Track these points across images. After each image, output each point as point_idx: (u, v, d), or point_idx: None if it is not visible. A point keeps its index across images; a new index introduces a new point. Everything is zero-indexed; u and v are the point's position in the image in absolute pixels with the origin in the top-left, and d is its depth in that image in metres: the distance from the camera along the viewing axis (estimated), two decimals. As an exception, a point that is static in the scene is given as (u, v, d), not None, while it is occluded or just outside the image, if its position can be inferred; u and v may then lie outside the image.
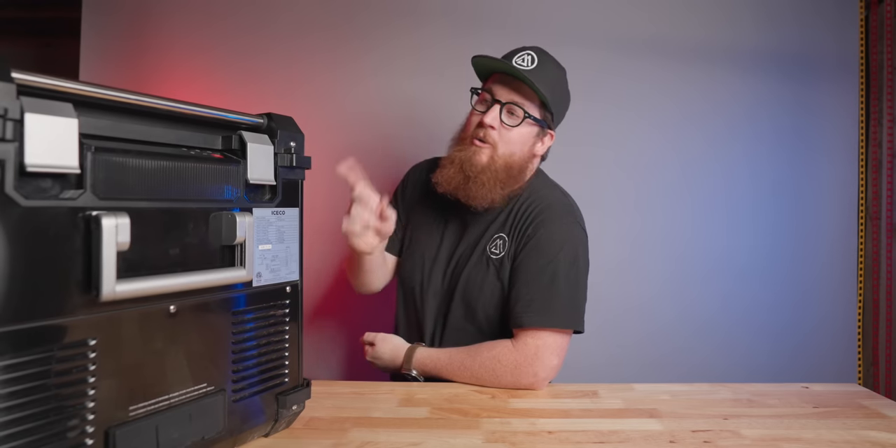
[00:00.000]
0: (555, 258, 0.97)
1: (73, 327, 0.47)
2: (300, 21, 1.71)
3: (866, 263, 1.75)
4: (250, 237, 0.63)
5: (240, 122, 0.66)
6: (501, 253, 1.03)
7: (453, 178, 1.01)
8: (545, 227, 0.99)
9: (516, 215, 1.04)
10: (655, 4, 1.69)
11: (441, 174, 1.03)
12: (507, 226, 1.04)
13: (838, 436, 0.71)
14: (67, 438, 0.47)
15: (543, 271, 0.96)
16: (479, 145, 1.00)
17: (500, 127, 0.99)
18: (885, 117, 1.73)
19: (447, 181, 1.02)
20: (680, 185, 1.69)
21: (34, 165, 0.44)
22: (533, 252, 0.98)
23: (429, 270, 1.10)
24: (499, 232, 1.05)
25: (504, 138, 1.00)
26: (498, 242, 1.04)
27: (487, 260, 1.04)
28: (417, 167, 1.21)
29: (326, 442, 0.69)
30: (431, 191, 1.09)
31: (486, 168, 0.99)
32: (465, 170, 1.00)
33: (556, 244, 0.98)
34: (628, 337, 1.68)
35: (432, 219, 1.13)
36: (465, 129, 1.05)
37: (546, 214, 1.01)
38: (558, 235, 0.99)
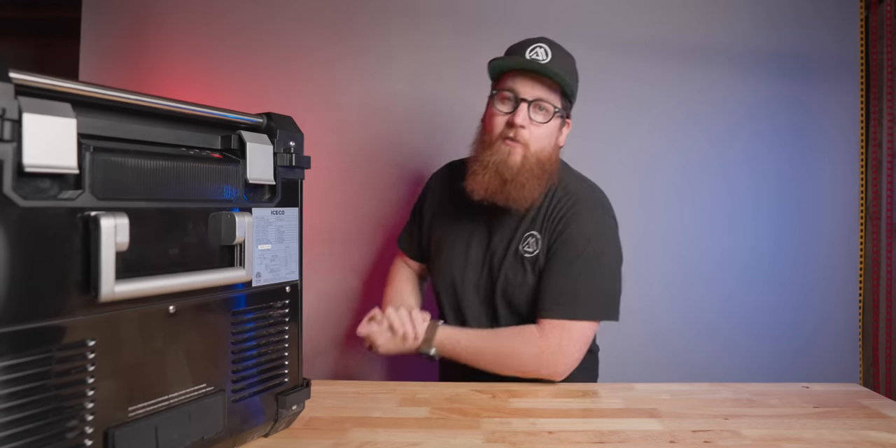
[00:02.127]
0: (584, 252, 0.98)
1: (72, 328, 0.47)
2: (299, 20, 1.70)
3: (866, 263, 1.75)
4: (250, 237, 0.63)
5: (239, 122, 0.66)
6: (535, 251, 1.02)
7: (490, 183, 0.98)
8: (576, 221, 1.00)
9: (547, 212, 1.04)
10: (656, 5, 1.69)
11: (476, 181, 0.99)
12: (537, 224, 1.04)
13: (839, 436, 0.71)
14: (67, 439, 0.46)
15: (572, 264, 0.98)
16: (511, 145, 0.97)
17: (530, 125, 0.97)
18: (885, 117, 1.73)
19: (484, 188, 0.99)
20: (681, 185, 1.69)
21: (32, 166, 0.44)
22: (563, 246, 0.99)
23: (463, 275, 1.09)
24: (530, 230, 1.04)
25: (535, 136, 0.98)
26: (530, 241, 1.03)
27: (522, 259, 1.03)
28: (438, 174, 1.21)
29: (326, 442, 0.69)
30: (456, 195, 1.08)
31: (522, 168, 0.97)
32: (502, 173, 0.97)
33: (584, 238, 1.00)
34: (630, 338, 1.68)
35: (460, 223, 1.11)
36: (489, 130, 1.01)
37: (576, 209, 1.02)
38: (588, 229, 1.00)
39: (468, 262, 1.08)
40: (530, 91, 0.97)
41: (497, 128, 0.99)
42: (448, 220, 1.13)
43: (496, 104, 1.00)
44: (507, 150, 0.98)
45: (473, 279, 1.08)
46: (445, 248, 1.11)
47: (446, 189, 1.15)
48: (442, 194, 1.16)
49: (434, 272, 1.15)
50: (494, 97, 1.01)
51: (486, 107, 1.05)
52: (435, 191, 1.18)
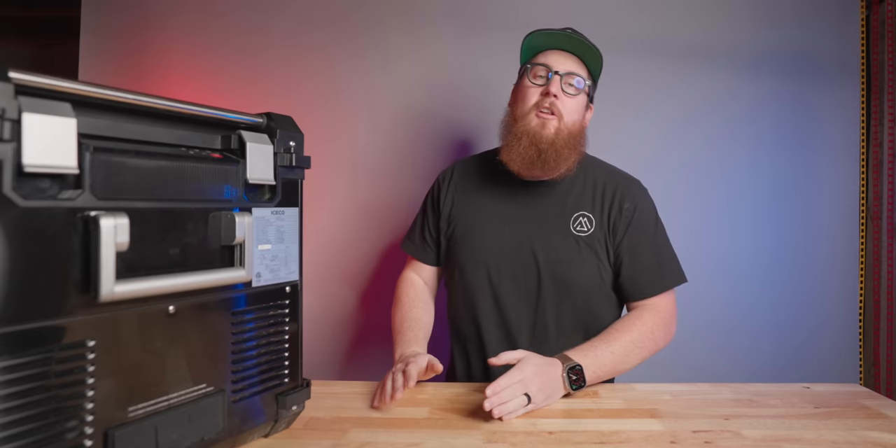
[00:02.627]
0: (655, 228, 1.06)
1: (72, 328, 0.47)
2: (299, 20, 1.70)
3: (867, 263, 1.75)
4: (249, 237, 0.63)
5: (239, 122, 0.66)
6: (590, 230, 1.03)
7: (526, 152, 0.99)
8: (640, 201, 1.06)
9: (595, 191, 1.06)
10: (656, 6, 1.69)
11: (511, 152, 1.00)
12: (588, 204, 1.05)
13: (839, 436, 0.71)
14: (66, 439, 0.46)
15: (652, 242, 1.04)
16: (544, 117, 0.99)
17: (563, 96, 1.00)
18: (885, 117, 1.73)
19: (521, 157, 0.99)
20: (681, 185, 1.69)
21: (32, 166, 0.44)
22: (637, 229, 1.04)
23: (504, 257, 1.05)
24: (579, 210, 1.05)
25: (567, 107, 1.00)
26: (582, 220, 1.04)
27: (576, 239, 1.03)
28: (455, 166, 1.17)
29: (326, 442, 0.69)
30: (482, 182, 1.10)
31: (557, 137, 0.99)
32: (537, 142, 0.98)
33: (650, 215, 1.06)
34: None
35: (490, 209, 1.08)
36: (522, 102, 1.02)
37: (634, 189, 1.07)
38: (647, 206, 1.07)
39: (503, 247, 1.05)
40: (563, 65, 1.01)
41: (531, 99, 1.01)
42: (475, 207, 1.10)
43: (529, 78, 1.02)
44: (540, 122, 0.99)
45: (511, 263, 1.04)
46: (475, 236, 1.07)
47: (468, 178, 1.13)
48: (463, 184, 1.13)
49: (459, 265, 1.08)
50: (528, 71, 1.03)
51: (518, 82, 1.06)
52: (452, 183, 1.14)
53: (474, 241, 1.07)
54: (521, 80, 1.05)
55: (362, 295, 1.69)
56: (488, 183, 1.10)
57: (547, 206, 1.06)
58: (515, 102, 1.05)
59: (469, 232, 1.08)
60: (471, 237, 1.08)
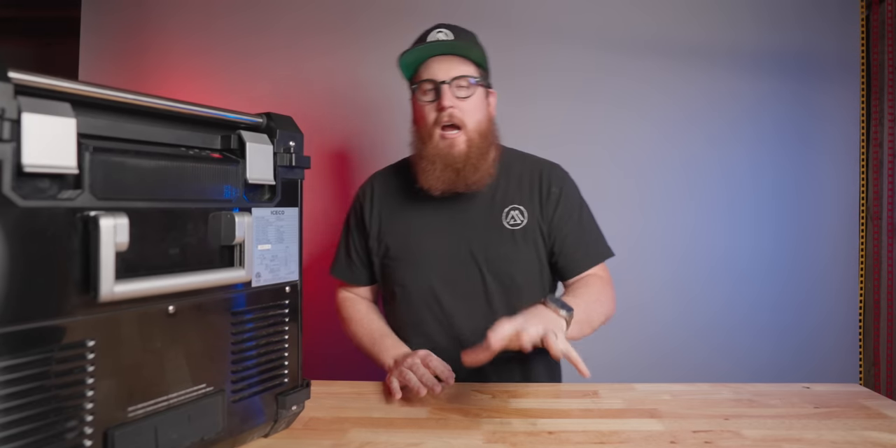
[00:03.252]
0: (581, 207, 1.09)
1: (72, 328, 0.47)
2: (299, 20, 1.70)
3: (867, 263, 1.75)
4: (249, 237, 0.63)
5: (239, 122, 0.66)
6: (523, 221, 1.04)
7: (443, 176, 0.99)
8: (563, 183, 1.08)
9: (521, 182, 1.07)
10: (657, 5, 1.69)
11: (429, 178, 1.00)
12: (516, 197, 1.05)
13: (839, 436, 0.71)
14: (66, 439, 0.46)
15: (580, 220, 1.08)
16: (450, 135, 0.98)
17: (458, 102, 0.98)
18: (885, 117, 1.73)
19: (441, 182, 0.99)
20: (682, 185, 1.69)
21: (32, 166, 0.44)
22: (566, 208, 1.06)
23: (445, 267, 1.04)
24: (510, 204, 1.05)
25: (466, 111, 0.99)
26: (514, 214, 1.05)
27: (511, 233, 1.04)
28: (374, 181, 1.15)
29: (326, 442, 0.69)
30: (407, 195, 1.08)
31: (469, 153, 0.99)
32: (451, 164, 0.98)
33: (575, 196, 1.09)
34: (630, 337, 1.68)
35: (422, 220, 1.07)
36: (423, 123, 1.01)
37: (555, 173, 1.09)
38: (571, 187, 1.09)
39: (443, 257, 1.04)
40: (445, 72, 0.99)
41: (429, 116, 1.00)
42: (404, 222, 1.08)
43: (420, 98, 1.01)
44: (448, 143, 0.98)
45: (454, 272, 1.04)
46: (412, 252, 1.06)
47: (391, 192, 1.11)
48: (387, 199, 1.10)
49: (400, 284, 1.06)
50: (416, 92, 1.02)
51: (413, 105, 1.06)
52: (376, 199, 1.11)
53: (412, 258, 1.06)
54: (414, 99, 1.03)
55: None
56: (411, 195, 1.07)
57: (477, 207, 1.06)
58: (416, 122, 1.04)
59: (405, 248, 1.06)
60: (408, 254, 1.06)
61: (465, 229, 1.05)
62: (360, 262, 1.12)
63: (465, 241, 1.04)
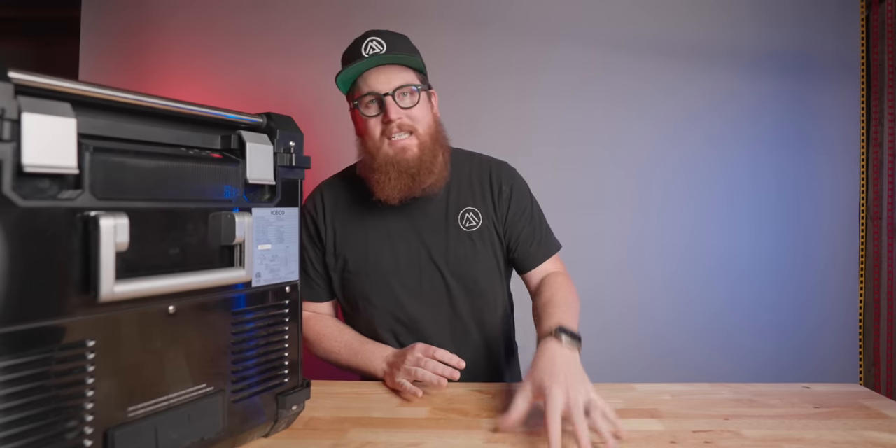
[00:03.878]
0: (530, 202, 1.10)
1: (72, 328, 0.47)
2: (299, 20, 1.70)
3: (867, 263, 1.75)
4: (249, 237, 0.63)
5: (239, 122, 0.66)
6: (479, 222, 1.05)
7: (399, 183, 0.96)
8: (513, 181, 1.09)
9: (472, 183, 1.07)
10: (657, 4, 1.69)
11: (385, 189, 0.97)
12: (469, 199, 1.06)
13: (840, 436, 0.71)
14: (66, 439, 0.46)
15: (532, 216, 1.09)
16: (398, 141, 0.96)
17: (403, 112, 0.96)
18: (885, 117, 1.73)
19: (397, 190, 0.97)
20: (681, 185, 1.69)
21: (32, 166, 0.44)
22: (518, 206, 1.08)
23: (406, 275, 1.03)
24: (464, 207, 1.05)
25: (415, 118, 0.97)
26: (469, 216, 1.05)
27: (468, 235, 1.04)
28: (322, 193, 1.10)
29: (326, 442, 0.69)
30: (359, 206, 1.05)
31: (422, 153, 0.97)
32: (405, 169, 0.96)
33: (525, 192, 1.11)
34: (629, 337, 1.68)
35: (378, 231, 1.05)
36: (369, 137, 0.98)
37: (504, 171, 1.10)
38: (521, 184, 1.11)
39: (403, 266, 1.03)
40: (386, 84, 0.96)
41: (375, 131, 0.97)
42: (359, 233, 1.05)
43: (363, 112, 0.98)
44: (398, 148, 0.96)
45: (416, 280, 1.03)
46: (370, 264, 1.04)
47: (342, 204, 1.07)
48: (339, 211, 1.07)
49: (363, 297, 1.05)
50: (358, 107, 0.98)
51: (354, 120, 1.02)
52: (327, 212, 1.07)
53: (372, 270, 1.03)
54: (356, 116, 1.00)
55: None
56: (363, 205, 1.05)
57: (431, 212, 1.05)
58: (362, 136, 1.01)
59: (363, 261, 1.04)
60: (366, 266, 1.04)
61: (423, 235, 1.04)
62: (319, 278, 1.08)
63: (423, 246, 1.04)
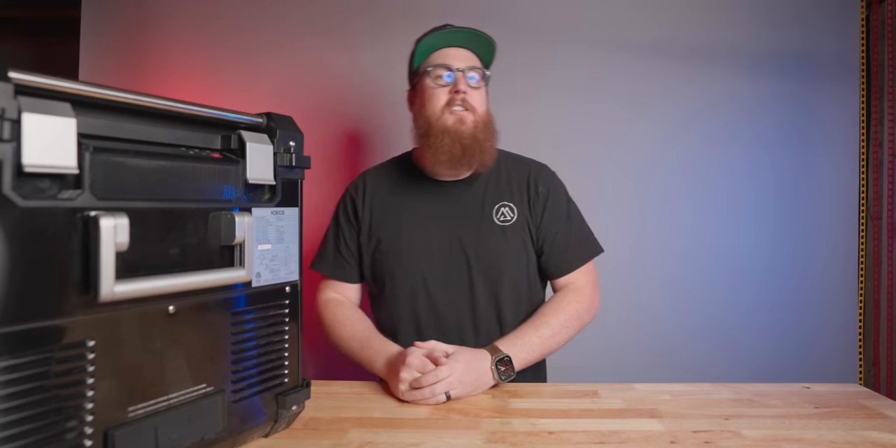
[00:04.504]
0: (567, 206, 1.11)
1: (72, 328, 0.47)
2: (299, 19, 1.70)
3: (867, 263, 1.75)
4: (249, 237, 0.63)
5: (239, 122, 0.66)
6: (513, 218, 1.06)
7: (451, 150, 0.99)
8: (551, 184, 1.10)
9: (510, 180, 1.09)
10: (657, 5, 1.69)
11: (437, 152, 1.00)
12: (506, 195, 1.08)
13: (840, 436, 0.71)
14: (66, 439, 0.46)
15: (567, 221, 1.09)
16: (459, 114, 1.01)
17: (471, 90, 1.01)
18: (885, 117, 1.73)
19: (447, 156, 1.00)
20: (680, 185, 1.69)
21: (32, 166, 0.44)
22: (554, 208, 1.08)
23: (435, 258, 1.05)
24: (500, 201, 1.07)
25: (476, 100, 1.02)
26: (504, 211, 1.07)
27: (501, 229, 1.06)
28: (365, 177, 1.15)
29: (326, 442, 0.69)
30: (400, 191, 1.10)
31: (476, 130, 1.01)
32: (460, 138, 0.99)
33: (562, 195, 1.11)
34: (629, 337, 1.68)
35: (414, 216, 1.08)
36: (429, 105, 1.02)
37: (543, 173, 1.11)
38: (559, 187, 1.12)
39: (434, 250, 1.05)
40: (462, 61, 1.03)
41: (439, 100, 1.02)
42: (396, 216, 1.08)
43: (432, 80, 1.03)
44: (457, 118, 1.00)
45: (444, 266, 1.05)
46: (403, 244, 1.06)
47: (382, 188, 1.11)
48: (379, 195, 1.11)
49: (391, 275, 1.06)
50: (429, 74, 1.03)
51: (419, 89, 1.06)
52: (367, 195, 1.11)
53: (403, 250, 1.06)
54: (424, 83, 1.05)
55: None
56: (404, 189, 1.10)
57: (467, 202, 1.08)
58: (423, 105, 1.04)
59: (396, 241, 1.07)
60: (398, 246, 1.06)
61: (456, 223, 1.06)
62: (351, 258, 1.11)
63: (455, 234, 1.06)
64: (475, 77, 1.03)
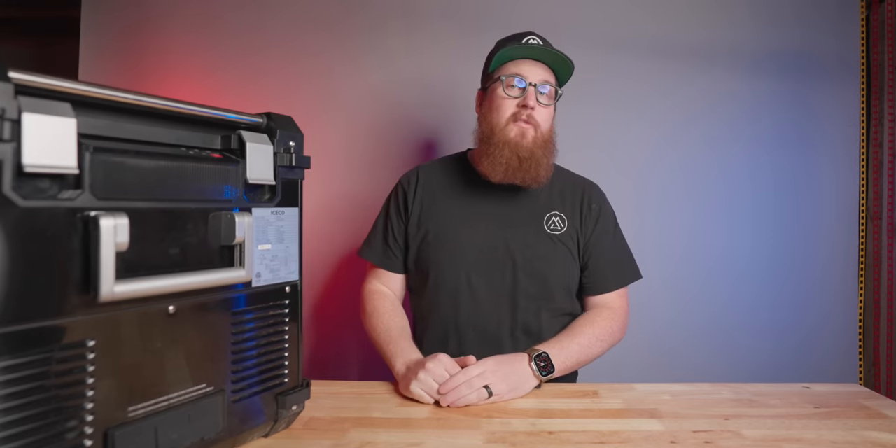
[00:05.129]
0: (615, 228, 1.13)
1: (72, 328, 0.47)
2: (299, 20, 1.70)
3: (867, 263, 1.75)
4: (249, 237, 0.63)
5: (239, 122, 0.66)
6: (563, 229, 1.08)
7: (509, 162, 1.00)
8: (602, 202, 1.13)
9: (564, 194, 1.11)
10: (656, 5, 1.69)
11: (494, 162, 1.01)
12: (557, 205, 1.09)
13: (839, 436, 0.71)
14: (66, 439, 0.46)
15: (613, 241, 1.12)
16: (523, 126, 1.01)
17: (539, 107, 1.02)
18: (885, 117, 1.73)
19: (504, 168, 1.01)
20: (680, 186, 1.69)
21: (32, 166, 0.44)
22: (603, 226, 1.11)
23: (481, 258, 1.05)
24: (552, 211, 1.09)
25: (543, 117, 1.03)
26: (555, 220, 1.08)
27: (550, 237, 1.07)
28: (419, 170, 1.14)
29: (326, 442, 0.69)
30: (455, 187, 1.10)
31: (535, 146, 1.01)
32: (518, 152, 1.00)
33: (611, 216, 1.14)
34: (629, 337, 1.67)
35: (463, 213, 1.08)
36: (496, 113, 1.03)
37: (595, 191, 1.14)
38: (608, 207, 1.14)
39: (480, 247, 1.05)
40: (537, 76, 1.02)
41: (507, 110, 1.02)
42: (446, 210, 1.09)
43: (504, 90, 1.02)
44: (519, 132, 1.01)
45: (488, 264, 1.05)
46: (450, 237, 1.06)
47: (435, 183, 1.12)
48: (431, 189, 1.11)
49: (436, 266, 1.06)
50: (501, 83, 1.02)
51: (490, 94, 1.06)
52: (420, 187, 1.12)
53: (450, 242, 1.06)
54: (495, 90, 1.04)
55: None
56: (457, 187, 1.11)
57: (519, 208, 1.08)
58: (490, 112, 1.05)
59: (444, 234, 1.07)
60: (446, 238, 1.07)
61: (506, 227, 1.07)
62: (398, 249, 1.12)
63: (503, 237, 1.06)
64: (546, 93, 1.03)
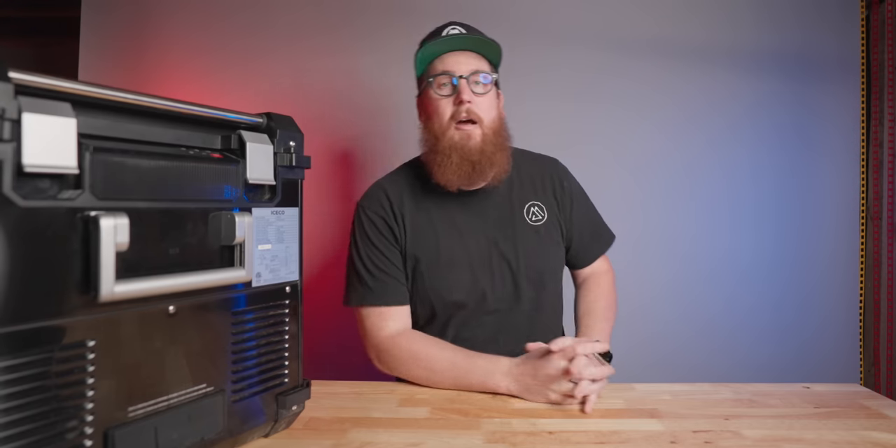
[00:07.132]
0: (585, 198, 1.14)
1: (72, 328, 0.47)
2: (300, 20, 1.70)
3: (867, 263, 1.75)
4: (249, 237, 0.63)
5: (239, 122, 0.66)
6: (544, 217, 1.07)
7: (460, 169, 0.95)
8: (567, 178, 1.12)
9: (533, 179, 1.09)
10: (657, 5, 1.69)
11: (445, 171, 0.96)
12: (532, 194, 1.07)
13: (840, 436, 0.71)
14: (66, 439, 0.46)
15: (587, 212, 1.13)
16: (464, 128, 0.96)
17: (475, 98, 0.96)
18: (885, 117, 1.73)
19: (457, 175, 0.96)
20: (682, 186, 1.69)
21: (32, 166, 0.44)
22: (578, 201, 1.11)
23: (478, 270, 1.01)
24: (528, 201, 1.07)
25: (483, 108, 0.97)
26: (534, 210, 1.06)
27: (534, 229, 1.05)
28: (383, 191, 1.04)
29: (326, 442, 0.69)
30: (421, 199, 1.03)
31: (484, 146, 0.96)
32: (468, 155, 0.95)
33: (579, 188, 1.14)
34: (630, 337, 1.68)
35: (443, 225, 1.02)
36: (437, 117, 0.97)
37: (558, 167, 1.13)
38: (573, 179, 1.14)
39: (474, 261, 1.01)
40: (464, 67, 0.97)
41: (445, 111, 0.97)
42: (428, 231, 1.02)
43: (435, 91, 0.98)
44: (464, 134, 0.96)
45: (487, 274, 1.02)
46: (442, 262, 1.01)
47: (405, 201, 1.03)
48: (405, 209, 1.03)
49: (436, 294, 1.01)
50: (431, 85, 0.98)
51: (424, 99, 1.02)
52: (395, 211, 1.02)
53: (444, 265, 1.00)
54: (428, 93, 0.99)
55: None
56: (428, 202, 1.03)
57: (496, 207, 1.05)
58: (429, 117, 1.00)
59: (434, 260, 1.01)
60: (437, 264, 1.00)
61: (490, 229, 1.03)
62: (401, 277, 1.01)
63: (492, 241, 1.03)
64: (481, 81, 0.97)
